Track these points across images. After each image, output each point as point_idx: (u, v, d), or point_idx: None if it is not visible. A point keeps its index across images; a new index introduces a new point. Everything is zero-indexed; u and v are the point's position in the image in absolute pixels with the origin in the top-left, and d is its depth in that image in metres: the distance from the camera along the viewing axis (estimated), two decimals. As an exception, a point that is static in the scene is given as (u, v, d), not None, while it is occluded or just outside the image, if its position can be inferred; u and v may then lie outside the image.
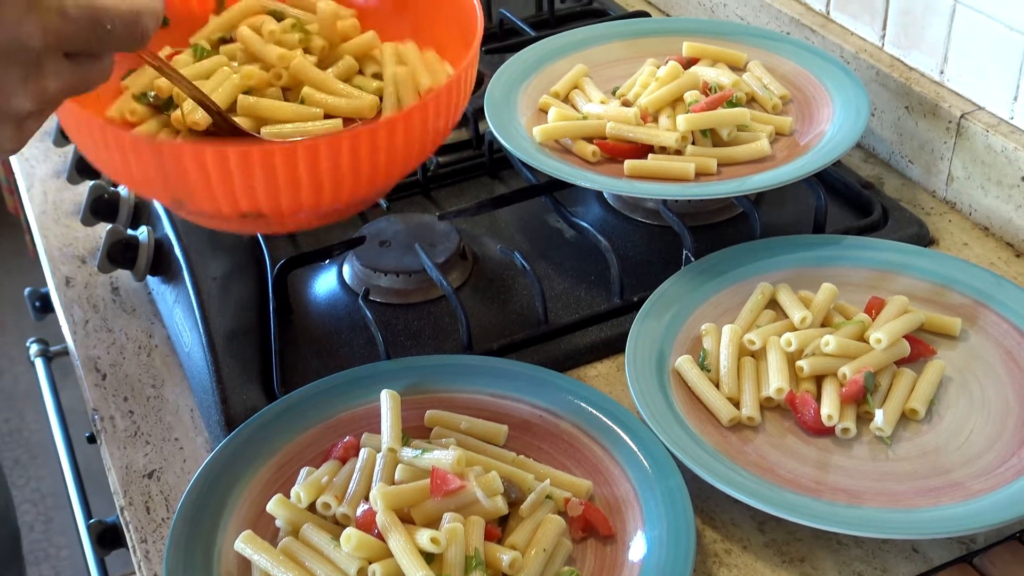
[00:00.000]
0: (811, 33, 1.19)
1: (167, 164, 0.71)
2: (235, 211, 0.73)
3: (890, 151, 1.13)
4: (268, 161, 0.70)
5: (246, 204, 0.73)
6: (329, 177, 0.72)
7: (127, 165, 0.73)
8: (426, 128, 0.76)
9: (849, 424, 0.80)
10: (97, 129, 0.74)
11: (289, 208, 0.74)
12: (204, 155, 0.70)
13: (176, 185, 0.72)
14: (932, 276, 0.92)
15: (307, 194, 0.73)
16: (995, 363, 0.86)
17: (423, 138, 0.77)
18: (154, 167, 0.72)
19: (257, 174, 0.71)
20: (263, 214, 0.74)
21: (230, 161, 0.70)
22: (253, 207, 0.73)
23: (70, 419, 1.20)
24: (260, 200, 0.72)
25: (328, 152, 0.71)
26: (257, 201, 0.72)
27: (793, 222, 1.04)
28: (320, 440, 0.81)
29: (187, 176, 0.71)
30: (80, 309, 1.00)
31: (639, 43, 1.17)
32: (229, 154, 0.70)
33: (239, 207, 0.73)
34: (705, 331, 0.88)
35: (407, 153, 0.76)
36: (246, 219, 0.75)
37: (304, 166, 0.71)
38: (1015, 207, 1.00)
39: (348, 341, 0.93)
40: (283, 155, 0.70)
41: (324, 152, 0.71)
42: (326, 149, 0.71)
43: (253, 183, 0.71)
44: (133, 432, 0.88)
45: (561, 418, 0.81)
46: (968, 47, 1.03)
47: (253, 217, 0.74)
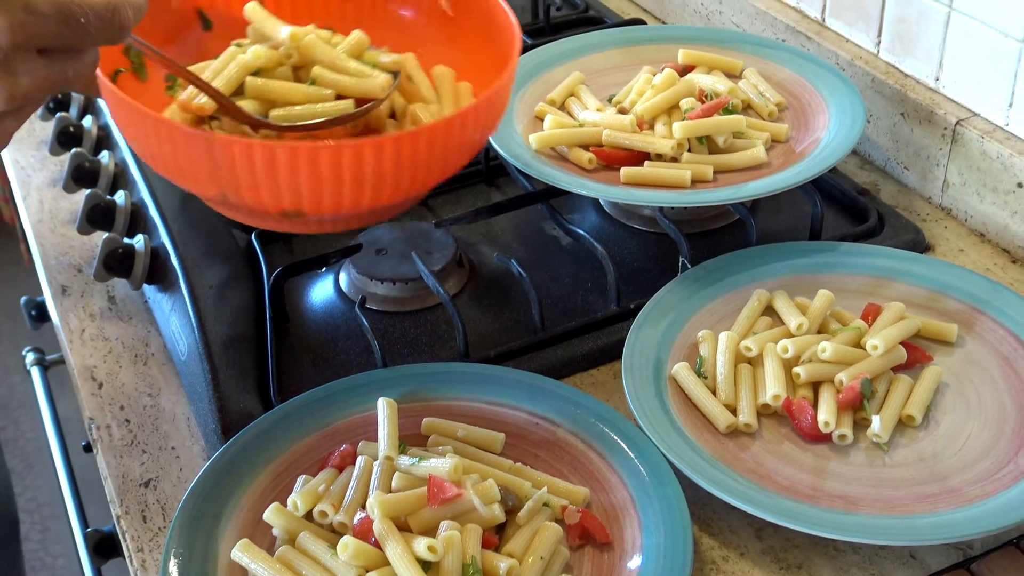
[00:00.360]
0: (807, 40, 1.19)
1: (217, 157, 0.72)
2: (277, 207, 0.75)
3: (886, 158, 1.13)
4: (313, 159, 0.72)
5: (289, 201, 0.74)
6: (372, 178, 0.74)
7: (175, 156, 0.74)
8: (467, 134, 0.78)
9: (846, 430, 0.80)
10: (149, 120, 0.75)
11: (330, 207, 0.75)
12: (253, 150, 0.71)
13: (223, 179, 0.74)
14: (928, 282, 0.92)
15: (348, 194, 0.74)
16: (991, 369, 0.86)
17: (462, 144, 0.78)
18: (204, 159, 0.73)
19: (302, 171, 0.72)
20: (303, 212, 0.75)
21: (278, 158, 0.71)
22: (295, 205, 0.74)
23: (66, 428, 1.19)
24: (303, 198, 0.74)
25: (372, 153, 0.73)
26: (300, 199, 0.74)
27: (789, 229, 1.04)
28: (317, 448, 0.81)
29: (235, 170, 0.72)
30: (76, 318, 1.00)
31: (635, 51, 1.17)
32: (277, 151, 0.71)
33: (281, 204, 0.74)
34: (702, 338, 0.88)
35: (446, 158, 0.78)
36: (286, 217, 0.76)
37: (348, 166, 0.72)
38: (1011, 213, 1.00)
39: (345, 349, 0.93)
40: (329, 154, 0.72)
41: (368, 153, 0.73)
42: (371, 150, 0.73)
43: (298, 180, 0.73)
44: (129, 441, 0.88)
45: (558, 425, 0.81)
46: (963, 54, 1.03)
47: (293, 215, 0.76)
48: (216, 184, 0.75)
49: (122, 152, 1.11)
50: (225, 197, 0.76)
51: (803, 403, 0.81)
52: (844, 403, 0.81)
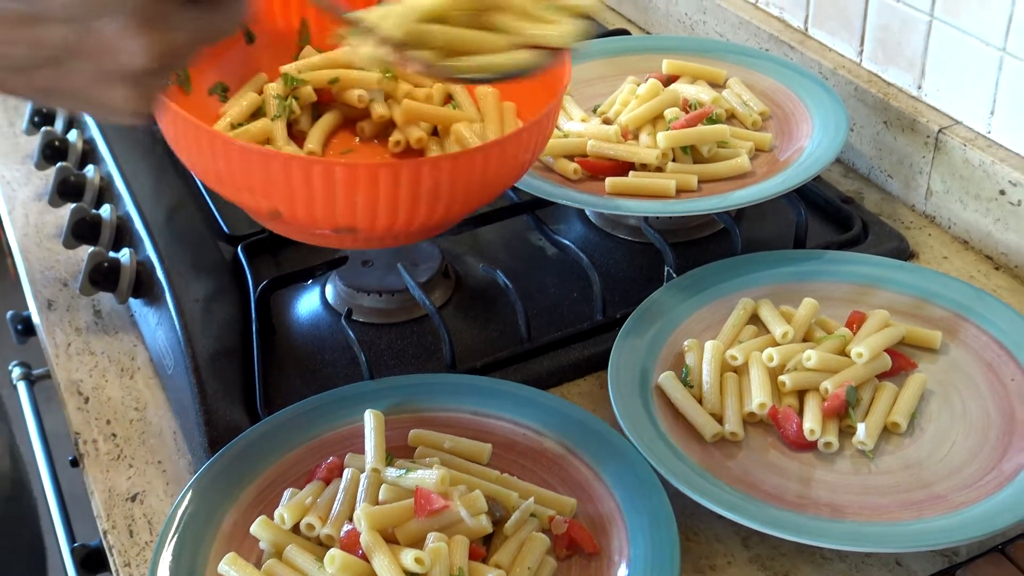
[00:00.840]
0: (790, 50, 1.19)
1: (273, 173, 0.73)
2: (331, 224, 0.76)
3: (869, 166, 1.14)
4: (372, 178, 0.73)
5: (343, 219, 0.75)
6: (427, 196, 0.75)
7: (231, 173, 0.75)
8: (519, 154, 0.79)
9: (831, 438, 0.80)
10: (204, 135, 0.75)
11: (383, 224, 0.76)
12: (311, 167, 0.73)
13: (277, 195, 0.74)
14: (912, 290, 0.93)
15: (404, 212, 0.75)
16: (976, 376, 0.86)
17: (515, 164, 0.80)
18: (260, 175, 0.74)
19: (360, 190, 0.73)
20: (357, 229, 0.76)
21: (335, 175, 0.72)
22: (349, 222, 0.75)
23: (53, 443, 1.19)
24: (358, 215, 0.75)
25: (430, 173, 0.74)
26: (354, 216, 0.75)
27: (774, 237, 1.04)
28: (304, 461, 0.80)
29: (291, 186, 0.73)
30: (62, 332, 1.00)
31: (619, 61, 1.18)
32: (336, 169, 0.72)
33: (335, 221, 0.75)
34: (688, 347, 0.88)
35: (498, 178, 0.79)
36: (339, 233, 0.78)
37: (406, 185, 0.74)
38: (993, 220, 1.01)
39: (331, 361, 0.93)
40: (387, 173, 0.73)
41: (426, 173, 0.74)
42: (428, 169, 0.74)
43: (355, 198, 0.74)
44: (116, 455, 0.87)
45: (545, 436, 0.81)
46: (945, 62, 1.04)
47: (346, 232, 0.77)
48: (270, 199, 0.75)
49: (107, 166, 1.11)
50: (279, 213, 0.76)
51: (789, 411, 0.82)
52: (829, 411, 0.81)
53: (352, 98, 0.92)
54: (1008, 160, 0.99)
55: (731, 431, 0.82)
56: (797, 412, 0.82)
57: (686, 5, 1.34)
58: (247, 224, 1.07)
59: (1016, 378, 0.85)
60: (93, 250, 0.99)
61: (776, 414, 0.82)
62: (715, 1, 1.29)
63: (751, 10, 1.26)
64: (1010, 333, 0.87)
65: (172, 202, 1.09)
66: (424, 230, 0.81)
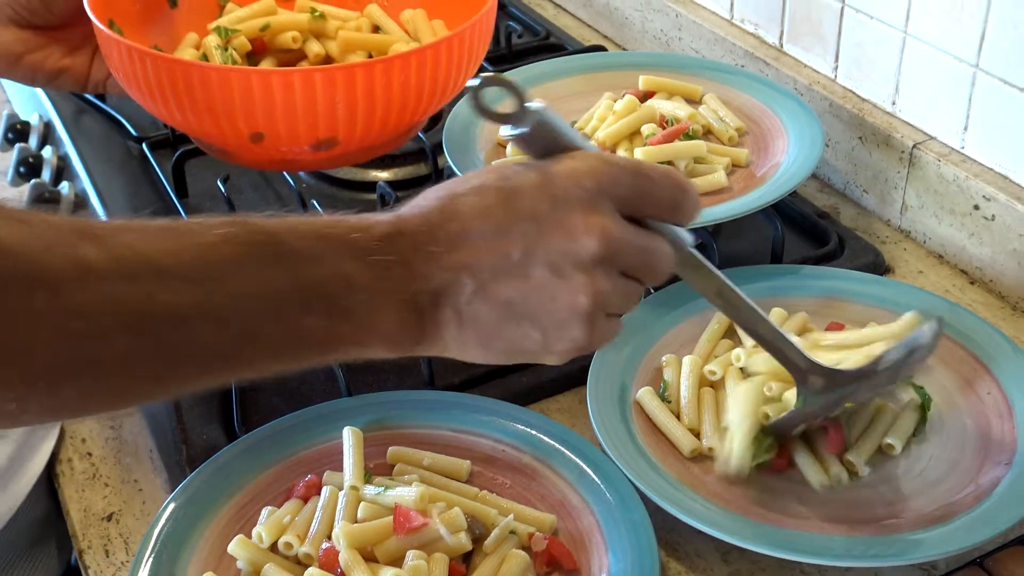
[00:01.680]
0: (765, 66, 1.20)
1: (254, 91, 0.75)
2: (313, 137, 0.78)
3: (845, 181, 1.14)
4: (349, 79, 0.76)
5: (325, 129, 0.78)
6: (399, 93, 0.79)
7: (208, 100, 0.76)
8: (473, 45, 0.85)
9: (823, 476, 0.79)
10: (177, 67, 0.77)
11: (362, 130, 0.79)
12: (291, 79, 0.74)
13: (258, 114, 0.76)
14: (888, 304, 0.93)
15: (380, 112, 0.79)
16: (952, 390, 0.87)
17: (471, 56, 0.86)
18: (240, 96, 0.75)
19: (339, 93, 0.76)
20: (337, 140, 0.78)
21: (315, 81, 0.75)
22: (330, 132, 0.78)
23: (27, 461, 1.18)
24: (339, 123, 0.78)
25: (401, 67, 0.78)
26: (336, 125, 0.78)
27: (751, 252, 1.04)
28: (282, 479, 0.80)
29: (271, 102, 0.75)
30: (36, 350, 0.99)
31: (596, 77, 1.18)
32: (315, 75, 0.75)
33: (317, 134, 0.78)
34: (666, 362, 0.88)
35: (459, 70, 0.85)
36: (319, 149, 0.79)
37: (380, 82, 0.77)
38: (968, 235, 1.02)
39: (309, 378, 0.92)
40: (363, 73, 0.76)
41: (398, 67, 0.78)
42: (399, 64, 0.78)
43: (335, 103, 0.76)
44: (91, 475, 0.87)
45: (524, 452, 0.81)
46: (918, 78, 1.05)
47: (326, 145, 0.79)
48: (250, 120, 0.77)
49: (82, 182, 1.10)
50: (261, 136, 0.77)
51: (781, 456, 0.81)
52: (832, 448, 0.80)
53: (287, 41, 0.94)
54: (982, 175, 1.00)
55: (709, 446, 0.82)
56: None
57: (662, 22, 1.35)
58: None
59: (992, 392, 0.85)
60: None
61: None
62: (690, 18, 1.30)
63: (726, 26, 1.27)
64: (986, 347, 0.88)
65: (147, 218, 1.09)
66: (396, 134, 0.85)
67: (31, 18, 0.84)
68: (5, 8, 0.84)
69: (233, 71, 0.77)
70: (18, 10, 0.84)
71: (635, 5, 1.39)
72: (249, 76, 0.75)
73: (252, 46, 0.94)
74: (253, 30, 0.94)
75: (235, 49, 0.92)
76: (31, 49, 0.85)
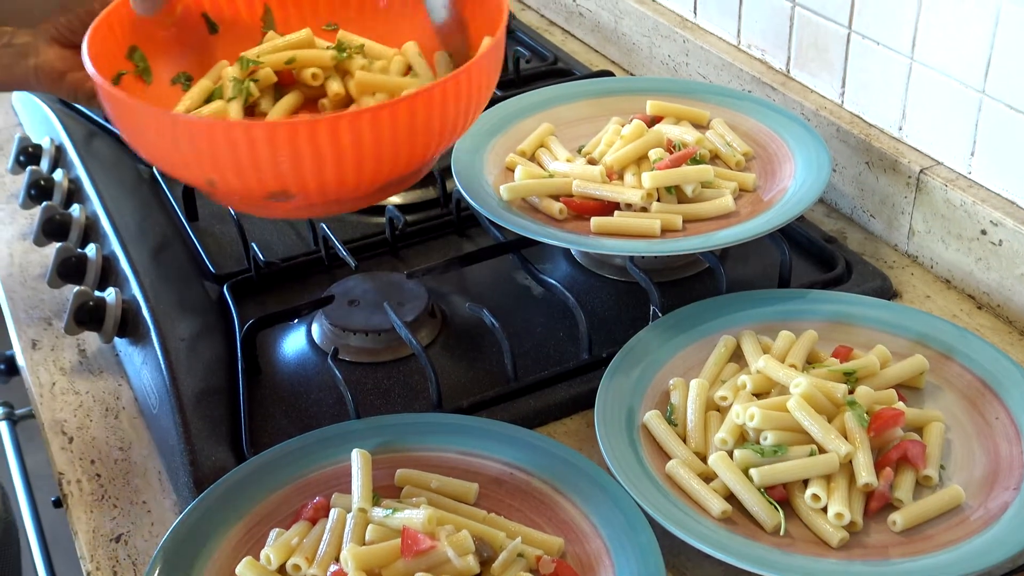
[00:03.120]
0: (772, 91, 1.21)
1: (199, 140, 0.73)
2: (264, 190, 0.75)
3: (852, 206, 1.15)
4: (293, 137, 0.72)
5: (273, 183, 0.74)
6: (352, 152, 0.73)
7: (171, 146, 0.75)
8: (449, 104, 0.77)
9: (859, 518, 0.78)
10: (141, 110, 0.76)
11: (315, 186, 0.75)
12: (234, 131, 0.72)
13: (206, 163, 0.74)
14: (896, 329, 0.93)
15: (331, 171, 0.74)
16: (960, 415, 0.87)
17: (445, 115, 0.77)
18: (187, 144, 0.74)
19: (281, 149, 0.72)
20: (290, 193, 0.75)
21: (257, 137, 0.72)
22: (281, 186, 0.75)
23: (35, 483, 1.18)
24: (287, 178, 0.74)
25: (349, 126, 0.72)
26: (284, 179, 0.74)
27: (758, 276, 1.05)
28: (290, 501, 0.80)
29: (216, 152, 0.73)
30: (47, 372, 0.99)
31: (604, 102, 1.19)
32: (256, 129, 0.72)
33: (266, 186, 0.75)
34: (673, 386, 0.88)
35: (428, 131, 0.77)
36: (276, 200, 0.77)
37: (326, 141, 0.72)
38: (975, 260, 1.02)
39: (317, 401, 0.93)
40: (307, 130, 0.72)
41: (345, 126, 0.72)
42: (347, 122, 0.72)
43: (278, 158, 0.73)
44: (100, 496, 0.87)
45: (532, 475, 0.81)
46: (925, 104, 1.05)
47: (281, 197, 0.76)
48: (201, 168, 0.75)
49: (93, 205, 1.11)
50: (213, 182, 0.76)
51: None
52: (873, 509, 0.79)
53: (307, 76, 0.92)
54: (989, 200, 1.00)
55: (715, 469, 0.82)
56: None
57: (669, 47, 1.36)
58: (233, 263, 1.07)
59: (1000, 417, 0.85)
60: (78, 289, 0.99)
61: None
62: (698, 43, 1.31)
63: (733, 52, 1.27)
64: (994, 372, 0.88)
65: (158, 241, 1.10)
66: (361, 195, 0.79)
67: (73, 37, 0.86)
68: (49, 27, 0.86)
69: (182, 120, 0.75)
70: (61, 29, 0.86)
71: (643, 31, 1.40)
72: (193, 125, 0.75)
73: (280, 78, 0.93)
74: (279, 62, 0.92)
75: (258, 81, 0.91)
76: (73, 68, 0.86)
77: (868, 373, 0.86)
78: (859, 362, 0.87)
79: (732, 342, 0.92)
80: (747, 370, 0.88)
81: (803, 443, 0.81)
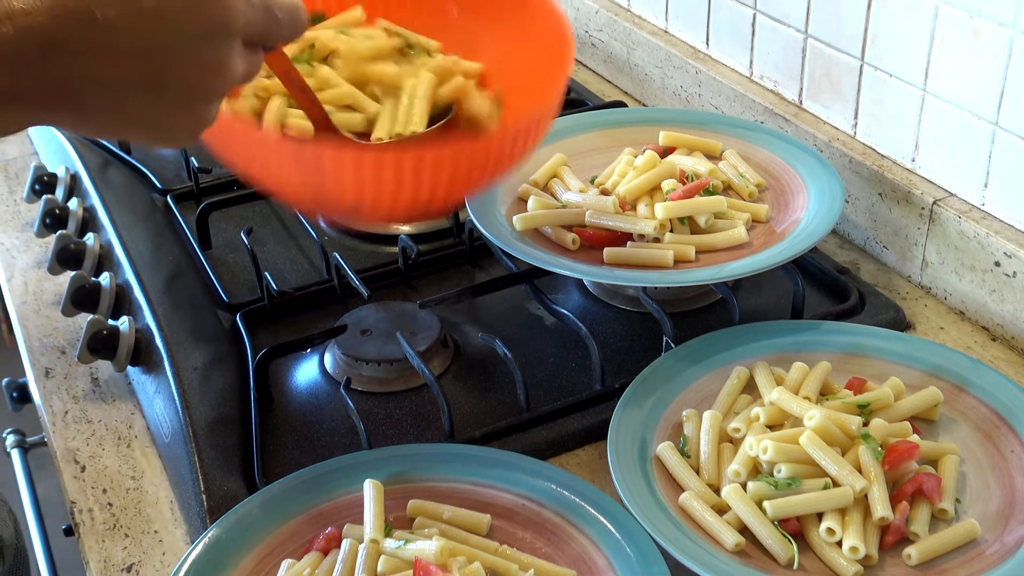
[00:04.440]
0: (784, 122, 1.21)
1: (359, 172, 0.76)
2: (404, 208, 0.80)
3: (865, 237, 1.15)
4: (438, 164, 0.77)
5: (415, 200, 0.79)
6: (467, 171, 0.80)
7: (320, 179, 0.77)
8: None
9: (874, 551, 0.78)
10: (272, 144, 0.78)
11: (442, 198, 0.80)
12: (404, 160, 0.75)
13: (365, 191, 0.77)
14: (909, 360, 0.93)
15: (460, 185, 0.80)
16: (975, 447, 0.86)
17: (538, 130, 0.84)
18: (341, 176, 0.77)
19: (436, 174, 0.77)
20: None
21: (424, 165, 0.76)
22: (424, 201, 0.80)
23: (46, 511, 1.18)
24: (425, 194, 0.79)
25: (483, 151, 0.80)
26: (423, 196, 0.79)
27: (771, 307, 1.04)
28: (302, 531, 0.80)
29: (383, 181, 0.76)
30: (59, 400, 1.00)
31: (616, 133, 1.19)
32: (424, 159, 0.76)
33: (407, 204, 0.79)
34: (686, 417, 0.88)
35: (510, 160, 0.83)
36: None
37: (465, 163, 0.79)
38: (989, 291, 1.02)
39: (330, 430, 0.93)
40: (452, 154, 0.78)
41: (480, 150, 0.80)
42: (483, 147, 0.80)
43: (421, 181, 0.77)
44: (112, 525, 0.87)
45: (544, 506, 0.81)
46: (938, 135, 1.05)
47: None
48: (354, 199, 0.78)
49: (107, 233, 1.11)
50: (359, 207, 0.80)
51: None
52: (888, 542, 0.78)
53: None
54: (1002, 232, 1.00)
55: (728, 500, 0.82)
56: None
57: (682, 78, 1.36)
58: (246, 292, 1.07)
59: (1015, 450, 0.85)
60: (92, 318, 0.99)
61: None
62: (710, 74, 1.31)
63: (746, 83, 1.28)
64: (1009, 405, 0.88)
65: (171, 270, 1.10)
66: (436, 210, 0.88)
67: None
68: None
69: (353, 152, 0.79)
70: None
71: (655, 62, 1.41)
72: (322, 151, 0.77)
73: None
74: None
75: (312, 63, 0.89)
76: None
77: (882, 405, 0.86)
78: (873, 394, 0.87)
79: (745, 373, 0.92)
80: (760, 402, 0.88)
81: (817, 476, 0.80)
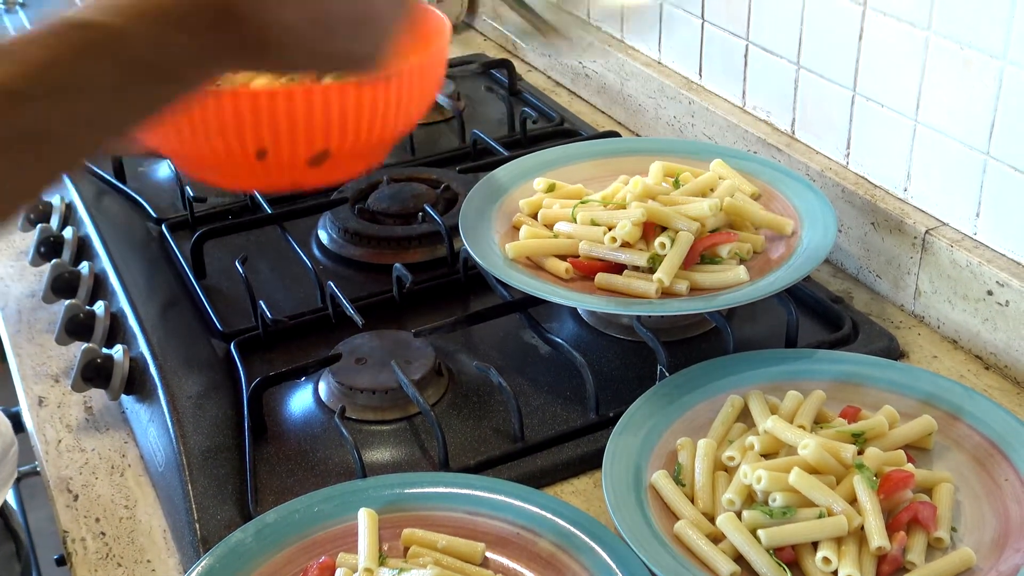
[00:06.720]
0: (777, 152, 1.22)
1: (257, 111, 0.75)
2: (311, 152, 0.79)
3: (858, 266, 1.15)
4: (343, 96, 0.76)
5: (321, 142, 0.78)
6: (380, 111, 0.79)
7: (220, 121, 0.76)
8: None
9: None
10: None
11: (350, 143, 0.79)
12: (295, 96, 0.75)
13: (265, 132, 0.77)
14: (903, 389, 0.93)
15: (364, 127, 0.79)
16: (969, 476, 0.86)
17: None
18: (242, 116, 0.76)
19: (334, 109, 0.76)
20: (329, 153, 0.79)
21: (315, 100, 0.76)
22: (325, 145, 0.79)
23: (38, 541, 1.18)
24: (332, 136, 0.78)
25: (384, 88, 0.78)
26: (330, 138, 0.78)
27: (765, 336, 1.05)
28: (295, 560, 0.80)
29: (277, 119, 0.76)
30: (53, 429, 0.99)
31: (610, 162, 1.19)
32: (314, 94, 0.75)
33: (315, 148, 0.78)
34: (681, 445, 0.88)
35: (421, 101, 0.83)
36: (314, 165, 0.80)
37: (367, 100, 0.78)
38: (982, 320, 1.02)
39: (324, 459, 0.92)
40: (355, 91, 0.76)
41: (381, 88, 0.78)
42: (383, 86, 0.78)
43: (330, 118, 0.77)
44: (104, 554, 0.86)
45: (539, 536, 0.81)
46: (930, 165, 1.06)
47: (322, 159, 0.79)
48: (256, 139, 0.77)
49: (101, 262, 1.12)
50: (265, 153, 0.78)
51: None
52: (886, 572, 0.78)
53: None
54: (994, 261, 1.00)
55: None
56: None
57: (675, 108, 1.37)
58: (241, 320, 1.07)
59: (1010, 478, 0.85)
60: (86, 347, 0.99)
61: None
62: (703, 104, 1.32)
63: (739, 113, 1.29)
64: (1002, 433, 0.88)
65: (165, 299, 1.10)
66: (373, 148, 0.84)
67: None
68: None
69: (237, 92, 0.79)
70: None
71: (649, 92, 1.42)
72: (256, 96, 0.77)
73: None
74: None
75: None
76: None
77: (877, 434, 0.86)
78: (867, 423, 0.87)
79: (739, 402, 0.92)
80: (755, 430, 0.88)
81: (813, 504, 0.80)
